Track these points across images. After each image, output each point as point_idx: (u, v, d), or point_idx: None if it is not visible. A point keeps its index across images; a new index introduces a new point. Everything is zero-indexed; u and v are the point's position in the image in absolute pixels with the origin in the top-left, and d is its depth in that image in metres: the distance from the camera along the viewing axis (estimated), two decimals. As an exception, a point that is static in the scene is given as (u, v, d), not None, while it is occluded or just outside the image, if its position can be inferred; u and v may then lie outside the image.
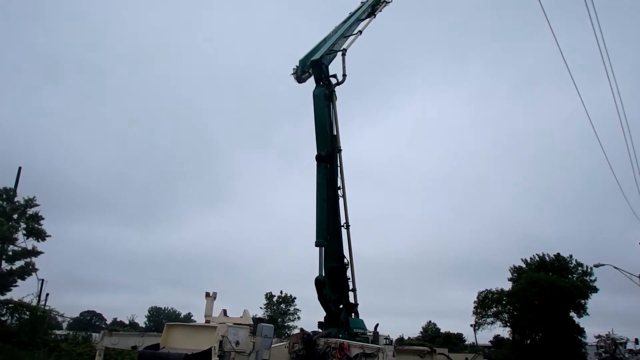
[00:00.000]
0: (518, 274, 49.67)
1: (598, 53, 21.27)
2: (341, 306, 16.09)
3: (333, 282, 15.65)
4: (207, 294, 15.80)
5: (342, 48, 18.78)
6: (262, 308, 53.81)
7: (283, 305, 54.70)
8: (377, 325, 16.83)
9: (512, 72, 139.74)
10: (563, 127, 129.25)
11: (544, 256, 50.53)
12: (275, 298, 54.78)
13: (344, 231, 17.03)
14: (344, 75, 18.03)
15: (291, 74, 18.81)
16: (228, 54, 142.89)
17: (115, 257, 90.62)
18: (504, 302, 48.46)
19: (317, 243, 15.07)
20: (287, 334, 42.02)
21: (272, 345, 14.43)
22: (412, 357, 18.90)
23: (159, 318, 75.13)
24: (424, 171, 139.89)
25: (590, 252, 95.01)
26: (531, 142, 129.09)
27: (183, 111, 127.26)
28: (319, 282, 14.54)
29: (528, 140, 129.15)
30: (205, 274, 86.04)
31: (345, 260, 16.74)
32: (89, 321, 55.15)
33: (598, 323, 55.79)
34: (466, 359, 22.89)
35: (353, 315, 16.61)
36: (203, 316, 15.64)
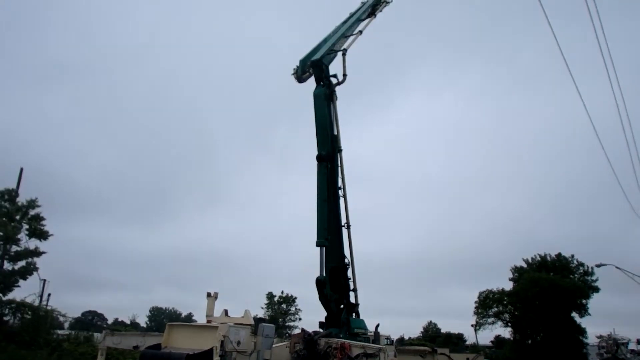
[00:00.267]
0: (519, 274, 49.68)
1: (598, 51, 21.19)
2: (342, 306, 16.09)
3: (334, 282, 15.64)
4: (209, 294, 15.86)
5: (343, 48, 18.73)
6: (263, 308, 54.00)
7: (284, 305, 54.81)
8: (378, 325, 16.88)
9: (511, 72, 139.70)
10: (563, 127, 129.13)
11: (545, 256, 50.53)
12: (276, 298, 54.91)
13: (345, 231, 17.03)
14: (345, 75, 17.96)
15: (291, 74, 18.80)
16: (228, 54, 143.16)
17: (116, 257, 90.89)
18: (505, 302, 48.44)
19: (318, 243, 15.05)
20: (288, 334, 42.13)
21: (273, 345, 14.49)
22: (414, 357, 18.98)
23: (160, 318, 75.26)
24: (424, 171, 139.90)
25: (591, 252, 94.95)
26: (531, 142, 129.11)
27: (183, 111, 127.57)
28: (320, 282, 14.52)
29: (528, 139, 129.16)
30: (206, 274, 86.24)
31: (346, 260, 16.74)
32: (91, 321, 55.22)
33: (599, 323, 55.60)
34: (467, 359, 22.95)
35: (354, 315, 16.62)
36: (204, 316, 15.69)
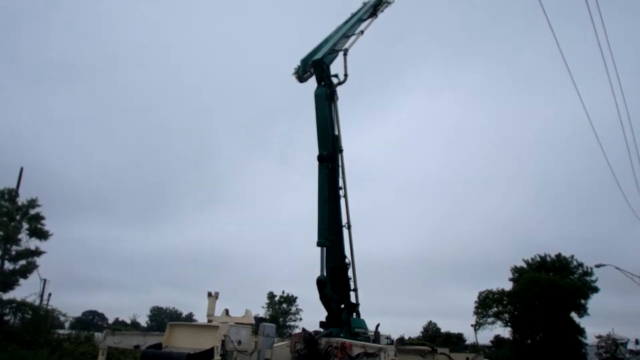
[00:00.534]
0: (519, 274, 49.71)
1: (598, 51, 21.20)
2: (342, 306, 16.11)
3: (334, 282, 15.66)
4: (210, 294, 15.85)
5: (344, 48, 18.67)
6: (264, 307, 54.01)
7: (285, 304, 54.84)
8: (379, 325, 16.89)
9: (511, 72, 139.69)
10: (563, 127, 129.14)
11: (545, 256, 50.56)
12: (277, 298, 54.94)
13: (346, 231, 17.06)
14: (346, 75, 17.90)
15: (292, 74, 18.77)
16: (228, 54, 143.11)
17: (116, 257, 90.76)
18: (505, 302, 48.47)
19: (319, 243, 15.08)
20: (289, 334, 42.16)
21: (274, 344, 14.50)
22: (414, 357, 18.99)
23: (161, 318, 75.19)
24: (425, 171, 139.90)
25: (590, 253, 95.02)
26: (531, 142, 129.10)
27: (183, 111, 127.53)
28: (321, 282, 14.56)
29: (528, 140, 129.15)
30: (206, 274, 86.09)
31: (346, 260, 16.77)
32: (91, 321, 55.20)
33: (599, 323, 55.78)
34: (467, 359, 22.95)
35: (354, 315, 16.65)
36: (205, 316, 15.69)
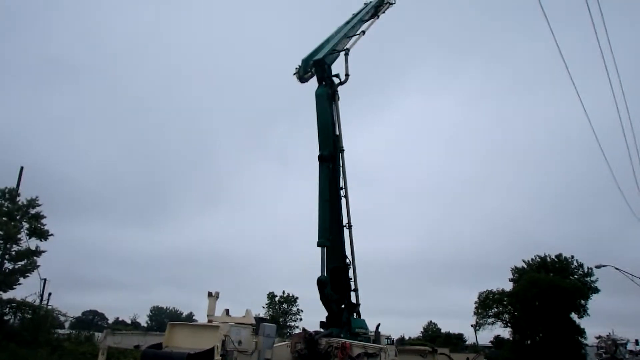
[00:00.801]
0: (519, 275, 49.72)
1: (598, 51, 21.18)
2: (343, 306, 16.11)
3: (335, 282, 15.63)
4: (210, 294, 15.83)
5: (345, 48, 18.65)
6: (264, 308, 53.97)
7: (285, 305, 54.80)
8: (379, 325, 16.88)
9: (511, 72, 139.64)
10: (563, 128, 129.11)
11: (545, 257, 50.56)
12: (277, 298, 54.90)
13: (346, 231, 17.05)
14: (347, 75, 17.88)
15: (293, 74, 18.72)
16: (227, 54, 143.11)
17: (116, 257, 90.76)
18: (505, 303, 48.52)
19: (320, 243, 15.06)
20: (290, 334, 42.14)
21: (275, 344, 14.49)
22: (414, 357, 18.98)
23: (161, 317, 75.13)
24: (425, 171, 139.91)
25: (590, 253, 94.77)
26: (531, 142, 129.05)
27: (183, 111, 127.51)
28: (321, 282, 14.52)
29: (528, 140, 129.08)
30: (206, 274, 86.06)
31: (347, 260, 16.77)
32: (91, 320, 55.16)
33: (598, 324, 55.90)
34: (467, 359, 22.96)
35: (355, 315, 16.65)
36: (205, 316, 15.68)
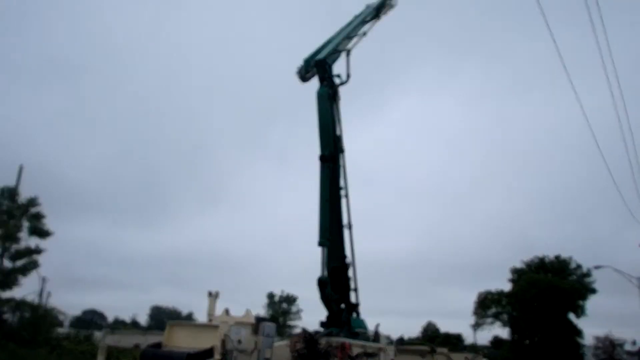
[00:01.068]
0: (518, 275, 49.86)
1: (597, 52, 21.22)
2: (343, 306, 16.14)
3: (335, 282, 15.65)
4: (210, 293, 15.81)
5: (347, 48, 18.71)
6: (264, 307, 54.07)
7: (285, 304, 54.88)
8: (379, 325, 16.91)
9: (511, 72, 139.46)
10: (562, 128, 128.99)
11: (544, 257, 50.73)
12: (276, 298, 54.99)
13: (347, 231, 17.09)
14: (348, 75, 17.92)
15: (295, 73, 18.82)
16: (227, 54, 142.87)
17: (116, 256, 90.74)
18: (504, 303, 48.67)
19: (320, 243, 15.09)
20: (289, 334, 42.14)
21: (274, 344, 14.51)
22: (413, 357, 18.96)
23: (160, 317, 75.07)
24: (425, 171, 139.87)
25: (589, 254, 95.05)
26: (531, 142, 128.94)
27: (182, 111, 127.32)
28: (322, 282, 14.56)
29: (528, 140, 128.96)
30: (206, 274, 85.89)
31: (347, 260, 16.81)
32: (91, 320, 55.18)
33: (597, 324, 55.98)
34: (466, 359, 22.94)
35: (355, 315, 16.68)
36: (205, 315, 15.69)
